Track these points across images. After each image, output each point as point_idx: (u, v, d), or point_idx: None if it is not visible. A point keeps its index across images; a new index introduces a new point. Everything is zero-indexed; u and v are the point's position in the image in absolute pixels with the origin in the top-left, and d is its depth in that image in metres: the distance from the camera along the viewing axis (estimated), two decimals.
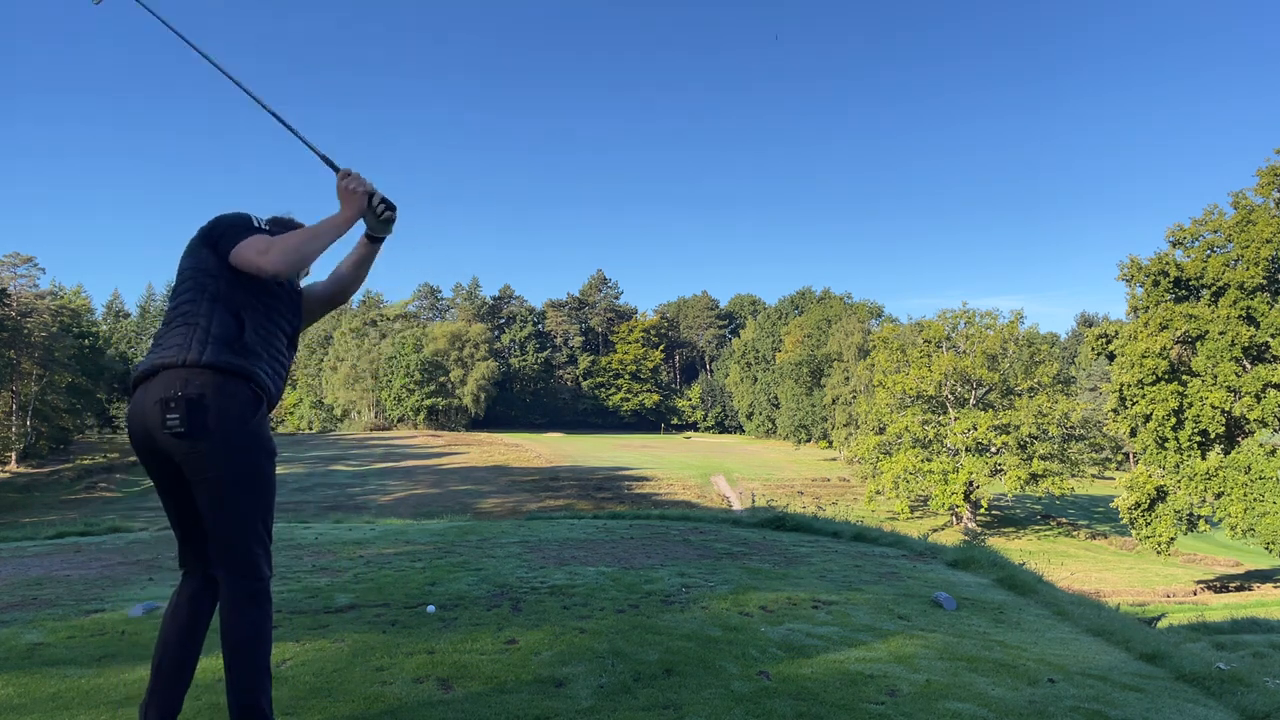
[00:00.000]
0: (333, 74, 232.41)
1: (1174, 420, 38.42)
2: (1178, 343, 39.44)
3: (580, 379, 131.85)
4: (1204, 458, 38.05)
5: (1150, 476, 39.86)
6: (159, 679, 2.74)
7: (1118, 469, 60.39)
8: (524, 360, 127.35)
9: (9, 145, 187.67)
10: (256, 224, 2.89)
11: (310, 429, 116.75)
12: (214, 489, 2.64)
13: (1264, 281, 37.05)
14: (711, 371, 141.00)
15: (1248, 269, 36.82)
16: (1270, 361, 37.51)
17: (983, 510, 60.16)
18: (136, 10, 3.09)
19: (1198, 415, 37.56)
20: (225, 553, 2.73)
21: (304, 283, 3.17)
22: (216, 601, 2.83)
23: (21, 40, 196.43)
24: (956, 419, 56.55)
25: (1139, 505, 39.90)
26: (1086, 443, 56.08)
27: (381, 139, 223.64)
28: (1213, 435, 38.31)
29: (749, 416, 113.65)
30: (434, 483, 64.92)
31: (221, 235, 2.79)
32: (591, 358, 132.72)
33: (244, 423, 2.65)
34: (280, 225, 3.02)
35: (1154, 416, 38.44)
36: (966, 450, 55.20)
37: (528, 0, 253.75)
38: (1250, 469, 35.69)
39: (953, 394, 58.16)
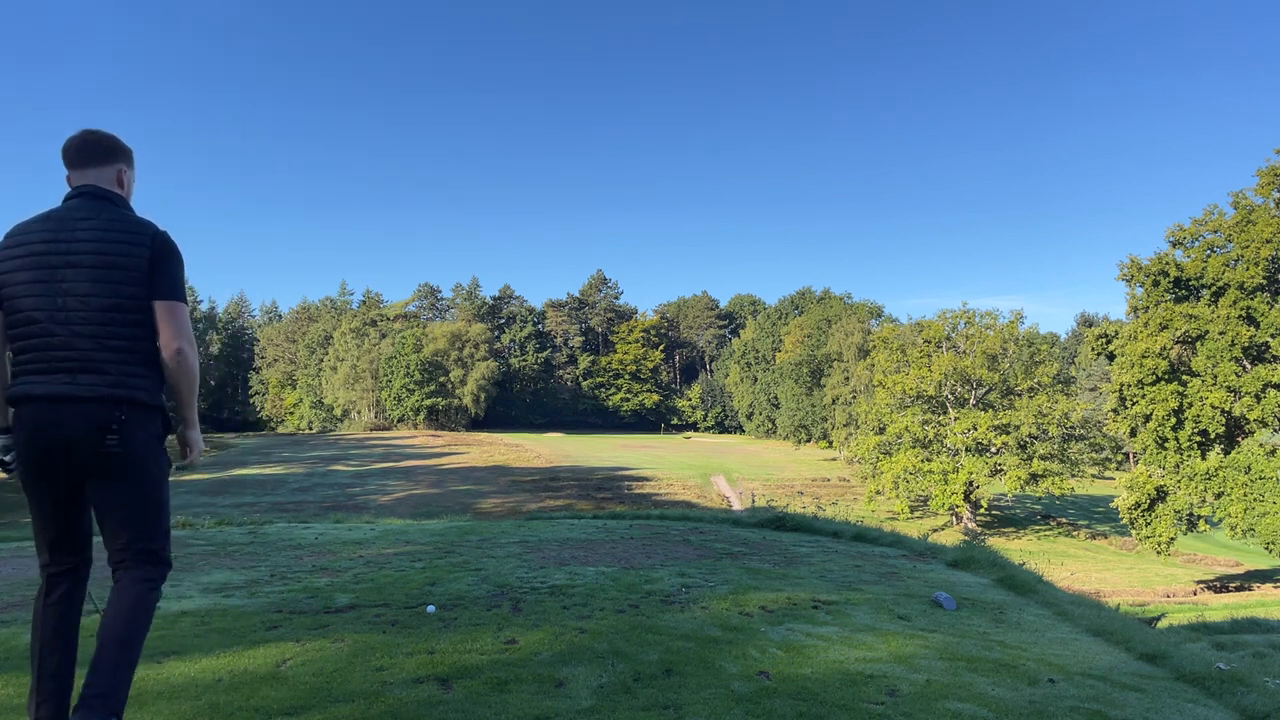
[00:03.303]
0: (333, 70, 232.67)
1: (1174, 420, 38.37)
2: (1178, 343, 39.40)
3: (580, 379, 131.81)
4: (1204, 458, 38.01)
5: (1150, 476, 39.83)
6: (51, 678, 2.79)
7: (1118, 469, 60.32)
8: (524, 360, 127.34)
9: (9, 145, 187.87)
10: None
11: (310, 429, 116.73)
12: None
13: (1264, 281, 37.02)
14: (711, 371, 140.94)
15: (1248, 269, 36.79)
16: (1270, 361, 37.48)
17: (983, 510, 60.13)
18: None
19: (1198, 415, 37.52)
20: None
21: None
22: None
23: (23, 42, 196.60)
24: (956, 419, 56.52)
25: (1139, 505, 39.86)
26: (1086, 443, 56.00)
27: (382, 139, 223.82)
28: (1213, 435, 38.27)
29: (749, 416, 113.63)
30: (434, 483, 64.91)
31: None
32: (591, 358, 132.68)
33: None
34: None
35: (1154, 416, 38.40)
36: (966, 450, 55.17)
37: (530, 3, 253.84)
38: (1250, 469, 35.66)
39: (953, 394, 58.13)
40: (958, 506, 54.57)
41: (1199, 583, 42.55)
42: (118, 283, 2.74)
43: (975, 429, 54.66)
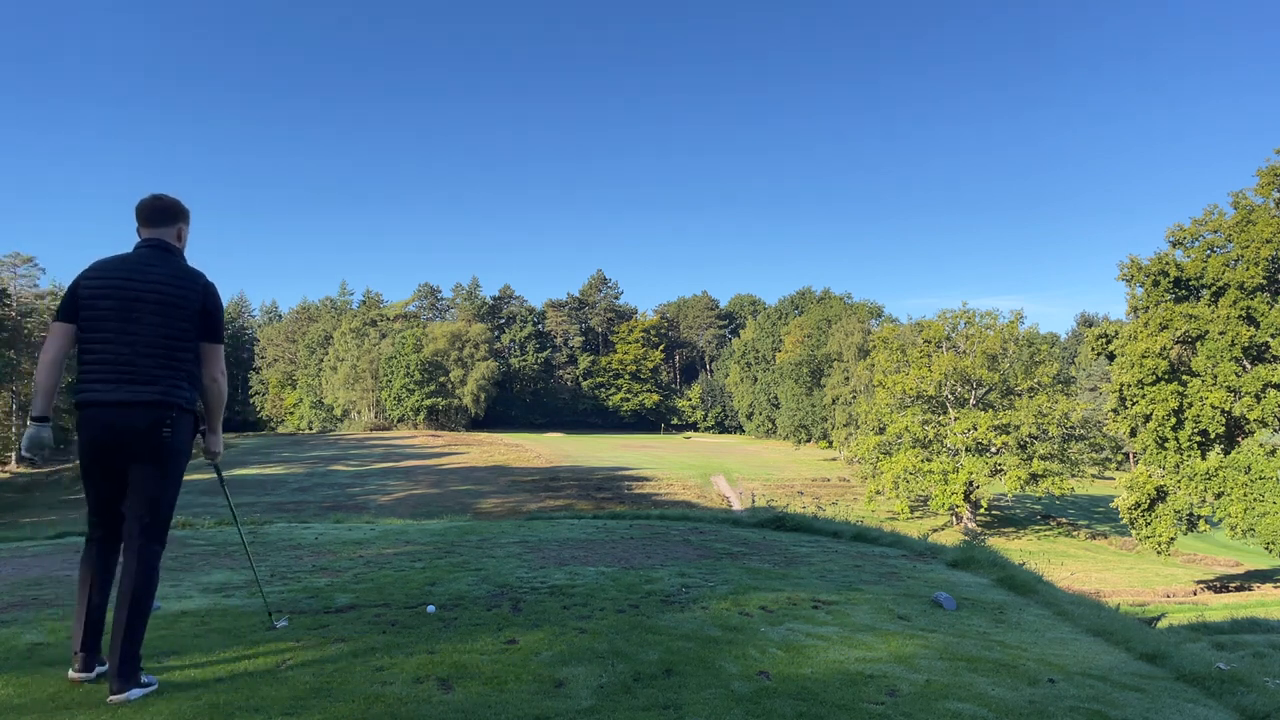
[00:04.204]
0: (334, 71, 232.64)
1: (1174, 420, 38.35)
2: (1178, 343, 39.38)
3: (580, 379, 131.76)
4: (1204, 458, 37.99)
5: (1150, 476, 39.80)
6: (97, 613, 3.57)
7: (1118, 469, 60.30)
8: (524, 360, 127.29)
9: (10, 147, 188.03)
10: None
11: (310, 429, 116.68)
12: None
13: (1264, 281, 37.00)
14: (711, 371, 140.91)
15: (1248, 269, 36.77)
16: (1270, 361, 37.47)
17: (983, 510, 60.11)
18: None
19: (1198, 415, 37.50)
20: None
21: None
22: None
23: (24, 47, 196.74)
24: (956, 419, 56.51)
25: (1139, 505, 39.84)
26: (1086, 443, 55.98)
27: (382, 139, 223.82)
28: (1213, 435, 38.25)
29: (749, 416, 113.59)
30: (434, 483, 64.90)
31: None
32: (591, 358, 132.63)
33: None
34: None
35: (1154, 416, 38.38)
36: (966, 450, 55.15)
37: (530, 5, 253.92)
38: (1250, 469, 35.64)
39: (953, 394, 58.11)
40: (958, 506, 54.55)
41: (1199, 583, 42.55)
42: (174, 319, 3.59)
43: (975, 429, 54.63)
